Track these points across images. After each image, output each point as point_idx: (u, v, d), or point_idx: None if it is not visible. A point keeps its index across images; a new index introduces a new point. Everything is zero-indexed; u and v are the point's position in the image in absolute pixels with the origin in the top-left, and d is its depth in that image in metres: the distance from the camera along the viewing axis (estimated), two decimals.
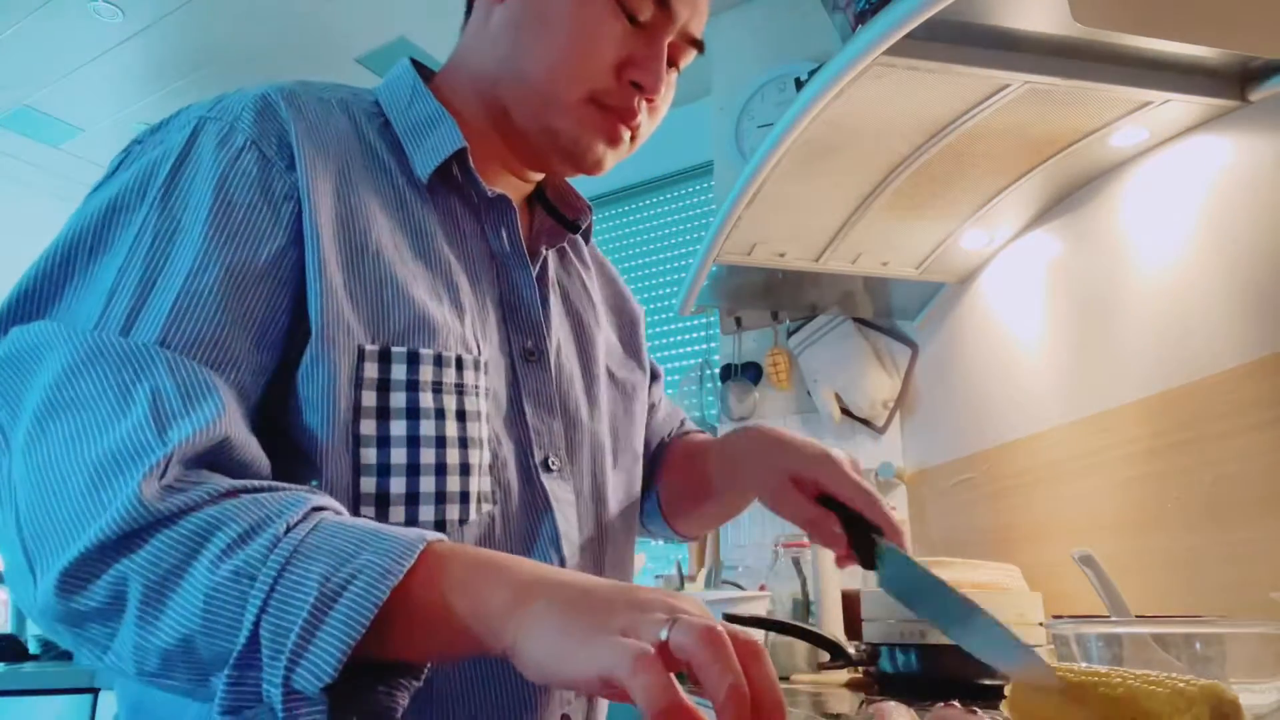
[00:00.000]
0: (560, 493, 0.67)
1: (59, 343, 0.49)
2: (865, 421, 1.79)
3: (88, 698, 2.24)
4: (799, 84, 1.83)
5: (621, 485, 0.77)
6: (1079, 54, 0.90)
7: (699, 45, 0.71)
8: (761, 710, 0.36)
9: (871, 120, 1.04)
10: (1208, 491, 0.94)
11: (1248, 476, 0.89)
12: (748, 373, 1.99)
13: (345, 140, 0.62)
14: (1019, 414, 1.34)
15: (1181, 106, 0.96)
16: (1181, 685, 0.47)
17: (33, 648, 2.65)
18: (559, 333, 0.73)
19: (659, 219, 2.75)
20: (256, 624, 0.41)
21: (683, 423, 0.96)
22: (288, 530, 0.43)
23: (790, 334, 1.91)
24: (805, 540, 1.46)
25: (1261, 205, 0.91)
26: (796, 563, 1.44)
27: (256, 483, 0.47)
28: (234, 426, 0.50)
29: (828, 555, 1.40)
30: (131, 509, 0.43)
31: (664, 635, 0.38)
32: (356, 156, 0.62)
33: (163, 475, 0.44)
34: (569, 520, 0.66)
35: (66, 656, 2.54)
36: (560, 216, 0.78)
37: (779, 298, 1.75)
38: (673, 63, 0.70)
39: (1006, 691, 0.57)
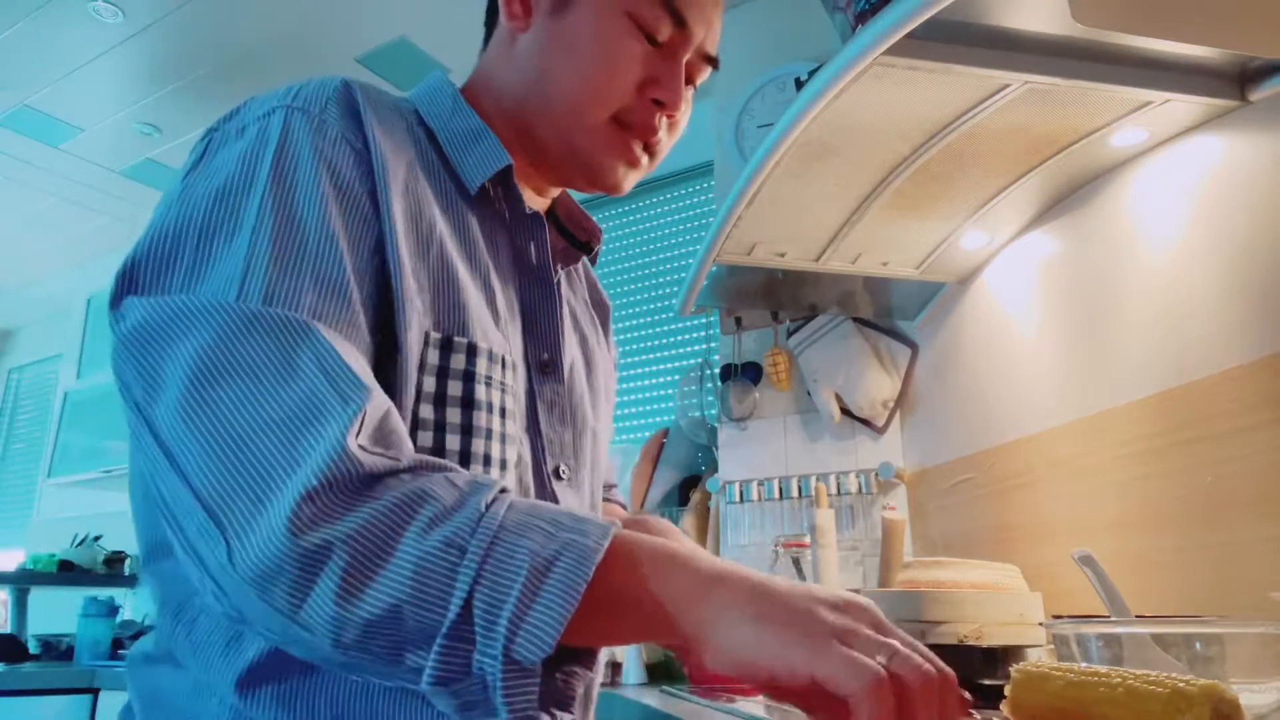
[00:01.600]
0: (570, 500, 0.68)
1: (203, 314, 0.48)
2: (865, 421, 1.79)
3: (88, 698, 2.24)
4: (799, 84, 1.83)
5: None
6: (1079, 54, 0.89)
7: (714, 62, 0.74)
8: None
9: (871, 120, 1.04)
10: (1207, 491, 0.94)
11: (1247, 476, 0.89)
12: (748, 373, 1.99)
13: (406, 141, 0.64)
14: (1019, 414, 1.34)
15: (1181, 106, 0.96)
16: (1181, 685, 0.47)
17: (33, 648, 2.64)
18: (570, 350, 0.76)
19: (659, 219, 2.75)
20: (469, 596, 0.41)
21: (608, 488, 0.97)
22: (488, 506, 0.44)
23: (790, 334, 1.91)
24: (805, 540, 1.46)
25: (1262, 205, 0.91)
26: (796, 562, 1.44)
27: (438, 460, 0.47)
28: (388, 400, 0.50)
29: (828, 555, 1.40)
30: (337, 458, 0.43)
31: (883, 660, 0.39)
32: (416, 157, 0.64)
33: (358, 433, 0.44)
34: None
35: (67, 656, 2.53)
36: (571, 237, 0.80)
37: (779, 298, 1.75)
38: (690, 80, 0.72)
39: (1006, 691, 0.57)
